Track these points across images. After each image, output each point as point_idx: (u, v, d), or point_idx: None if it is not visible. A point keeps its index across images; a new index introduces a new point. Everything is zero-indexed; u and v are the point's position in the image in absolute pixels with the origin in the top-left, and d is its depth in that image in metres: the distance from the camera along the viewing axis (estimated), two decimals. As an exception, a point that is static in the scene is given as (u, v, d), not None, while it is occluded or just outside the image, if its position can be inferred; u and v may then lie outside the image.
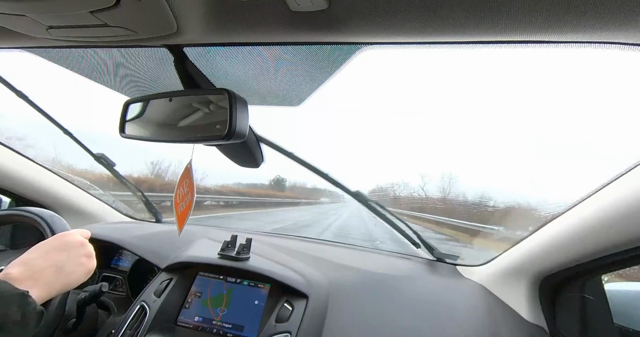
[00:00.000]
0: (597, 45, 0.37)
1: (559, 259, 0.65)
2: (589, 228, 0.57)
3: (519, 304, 0.76)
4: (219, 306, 0.79)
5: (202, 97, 0.54)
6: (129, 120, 0.60)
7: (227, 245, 0.89)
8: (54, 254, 0.51)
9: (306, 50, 0.52)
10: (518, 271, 0.77)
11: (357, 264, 0.96)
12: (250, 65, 0.60)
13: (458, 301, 0.80)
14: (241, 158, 0.73)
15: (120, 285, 1.03)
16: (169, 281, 0.85)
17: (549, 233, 0.67)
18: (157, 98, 0.57)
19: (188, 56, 0.55)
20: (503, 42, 0.40)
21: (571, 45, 0.38)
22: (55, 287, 0.49)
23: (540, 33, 0.36)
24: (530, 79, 31.69)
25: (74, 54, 0.65)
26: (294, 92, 0.70)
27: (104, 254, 1.07)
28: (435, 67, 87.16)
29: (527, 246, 0.74)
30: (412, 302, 0.78)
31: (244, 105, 0.50)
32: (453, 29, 0.37)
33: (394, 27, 0.38)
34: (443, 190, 15.11)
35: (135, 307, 0.79)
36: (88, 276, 0.55)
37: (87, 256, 0.55)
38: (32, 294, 0.44)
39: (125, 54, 0.64)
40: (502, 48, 0.42)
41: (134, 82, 0.74)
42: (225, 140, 0.49)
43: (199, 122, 0.54)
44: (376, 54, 0.51)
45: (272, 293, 0.79)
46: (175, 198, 0.62)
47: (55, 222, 0.64)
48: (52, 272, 0.49)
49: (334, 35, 0.42)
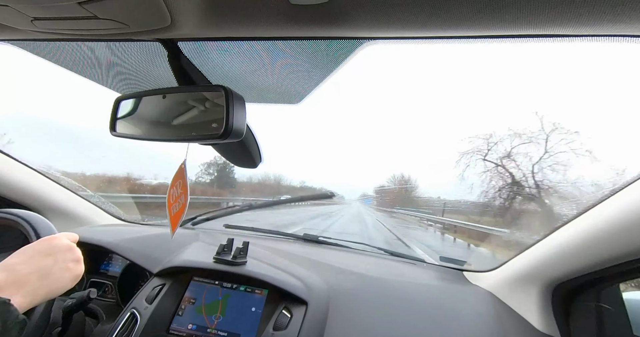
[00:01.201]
0: (613, 39, 0.37)
1: (573, 265, 0.65)
2: (607, 232, 0.56)
3: (530, 313, 0.76)
4: (214, 313, 0.79)
5: (198, 94, 0.54)
6: (120, 118, 0.60)
7: (223, 248, 0.89)
8: (38, 258, 0.50)
9: (306, 45, 0.52)
10: (529, 278, 0.77)
11: (358, 269, 0.96)
12: (247, 60, 0.60)
13: (465, 308, 0.80)
14: (238, 158, 0.73)
15: (109, 291, 1.03)
16: (162, 286, 0.85)
17: (563, 237, 0.67)
18: (150, 95, 0.57)
19: (183, 51, 0.55)
20: (515, 37, 0.40)
21: (586, 39, 0.38)
22: (39, 294, 0.48)
23: (553, 26, 0.36)
24: (543, 75, 31.45)
25: (62, 47, 0.65)
26: (293, 89, 0.70)
27: (93, 259, 1.07)
28: (442, 63, 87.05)
29: (539, 251, 0.74)
30: (416, 310, 0.78)
31: (242, 102, 0.50)
32: (461, 23, 0.37)
33: (399, 21, 0.38)
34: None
35: (126, 315, 0.79)
36: (75, 282, 0.54)
37: (74, 261, 0.55)
38: (14, 301, 0.43)
39: (117, 48, 0.64)
40: (514, 43, 0.42)
41: (126, 77, 0.74)
42: (221, 139, 0.49)
43: (194, 120, 0.54)
44: (380, 50, 0.51)
45: (270, 299, 0.79)
46: (168, 199, 0.63)
47: (40, 225, 0.63)
48: (36, 278, 0.48)
49: (335, 29, 0.42)
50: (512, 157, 10.96)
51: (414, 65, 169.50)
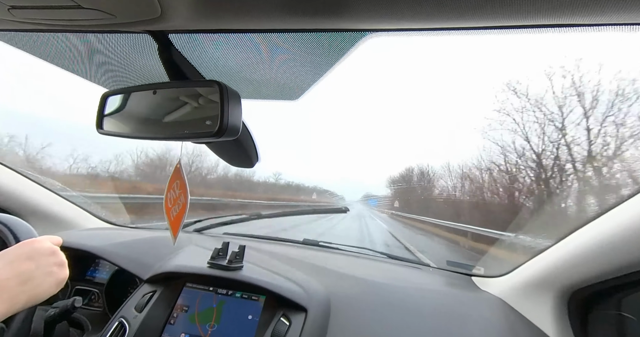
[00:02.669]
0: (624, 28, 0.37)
1: (591, 270, 0.64)
2: (628, 235, 0.55)
3: (544, 322, 0.75)
4: (208, 322, 0.80)
5: (190, 89, 0.54)
6: (107, 115, 0.60)
7: (217, 253, 0.89)
8: (18, 263, 0.50)
9: (305, 38, 0.52)
10: (543, 284, 0.77)
11: (361, 274, 0.96)
12: (243, 54, 0.59)
13: (474, 316, 0.80)
14: (234, 157, 0.73)
15: (96, 299, 1.03)
16: (152, 293, 0.85)
17: (581, 240, 0.66)
18: (140, 90, 0.57)
19: (174, 44, 0.55)
20: (528, 27, 0.40)
21: (596, 29, 0.39)
22: (19, 301, 0.48)
23: (565, 15, 0.36)
24: (553, 66, 30.95)
25: (43, 39, 0.65)
26: (292, 85, 0.70)
27: (78, 265, 1.07)
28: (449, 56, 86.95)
29: (554, 255, 0.73)
30: (421, 318, 0.79)
31: (237, 98, 0.50)
32: (471, 13, 0.37)
33: (404, 11, 0.38)
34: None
35: (113, 324, 0.79)
36: (59, 287, 0.54)
37: (57, 265, 0.55)
38: None
39: (103, 40, 0.63)
40: (526, 33, 0.42)
41: (113, 71, 0.74)
42: (216, 137, 0.49)
43: (187, 117, 0.54)
44: (383, 42, 0.51)
45: (268, 306, 0.79)
46: (165, 203, 0.62)
47: (19, 229, 0.63)
48: (16, 284, 0.48)
49: (336, 21, 0.42)
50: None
51: (420, 58, 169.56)
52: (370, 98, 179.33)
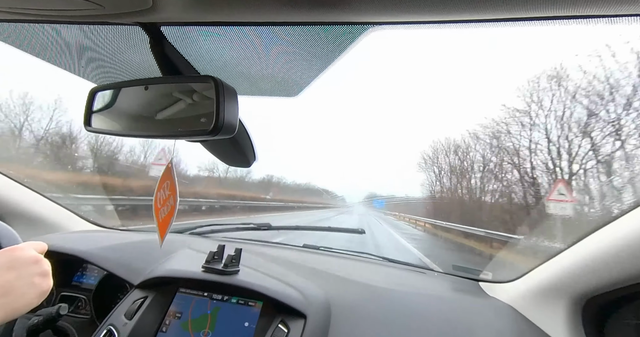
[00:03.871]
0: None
1: (608, 276, 0.63)
2: None
3: (557, 330, 0.75)
4: (201, 329, 0.80)
5: (184, 85, 0.54)
6: (96, 111, 0.60)
7: (212, 256, 0.89)
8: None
9: (304, 31, 0.52)
10: (556, 290, 0.76)
11: (362, 278, 0.97)
12: (239, 48, 0.59)
13: (481, 324, 0.80)
14: (230, 156, 0.73)
15: (83, 306, 1.03)
16: (143, 299, 0.85)
17: (596, 245, 0.66)
18: (130, 86, 0.57)
19: (167, 37, 0.55)
20: (538, 19, 0.40)
21: (604, 20, 0.39)
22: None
23: (573, 6, 0.36)
24: (560, 59, 30.51)
25: (27, 30, 0.64)
26: (291, 80, 0.70)
27: (64, 270, 1.07)
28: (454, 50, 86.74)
29: (568, 260, 0.73)
30: (426, 325, 0.79)
31: (233, 95, 0.51)
32: (477, 5, 0.37)
33: (408, 2, 0.38)
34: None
35: (101, 333, 0.79)
36: (42, 298, 0.54)
37: (41, 275, 0.54)
38: None
39: (91, 32, 0.63)
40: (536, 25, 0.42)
41: (102, 66, 0.74)
42: (211, 135, 0.49)
43: (181, 114, 0.54)
44: (386, 36, 0.51)
45: (265, 312, 0.80)
46: (155, 203, 0.63)
47: (1, 233, 0.63)
48: None
49: (337, 14, 0.42)
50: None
51: (425, 52, 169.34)
52: (370, 96, 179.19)
